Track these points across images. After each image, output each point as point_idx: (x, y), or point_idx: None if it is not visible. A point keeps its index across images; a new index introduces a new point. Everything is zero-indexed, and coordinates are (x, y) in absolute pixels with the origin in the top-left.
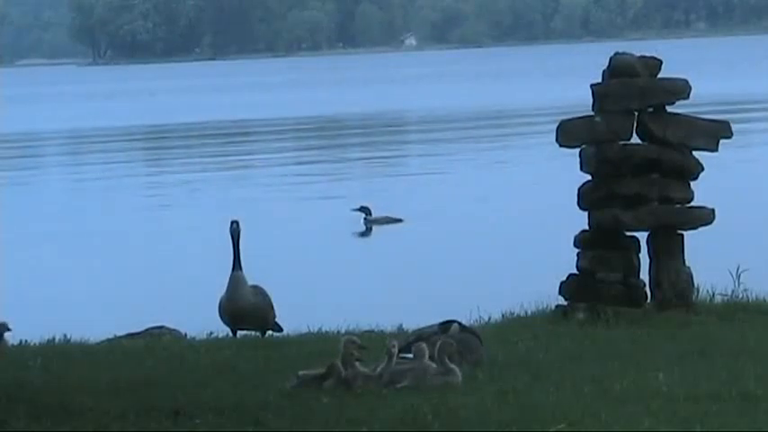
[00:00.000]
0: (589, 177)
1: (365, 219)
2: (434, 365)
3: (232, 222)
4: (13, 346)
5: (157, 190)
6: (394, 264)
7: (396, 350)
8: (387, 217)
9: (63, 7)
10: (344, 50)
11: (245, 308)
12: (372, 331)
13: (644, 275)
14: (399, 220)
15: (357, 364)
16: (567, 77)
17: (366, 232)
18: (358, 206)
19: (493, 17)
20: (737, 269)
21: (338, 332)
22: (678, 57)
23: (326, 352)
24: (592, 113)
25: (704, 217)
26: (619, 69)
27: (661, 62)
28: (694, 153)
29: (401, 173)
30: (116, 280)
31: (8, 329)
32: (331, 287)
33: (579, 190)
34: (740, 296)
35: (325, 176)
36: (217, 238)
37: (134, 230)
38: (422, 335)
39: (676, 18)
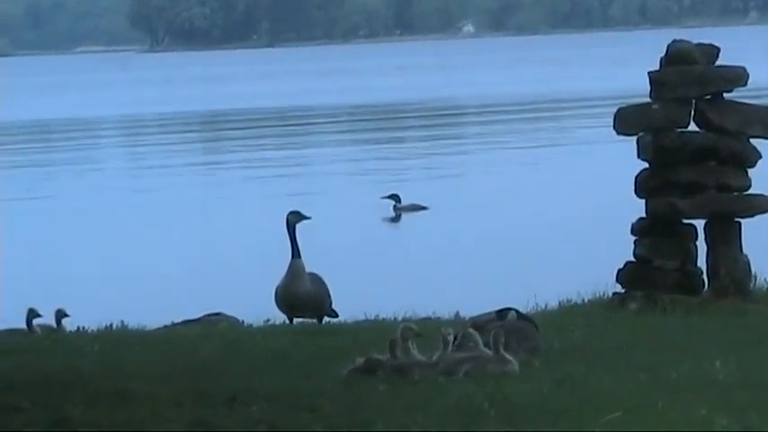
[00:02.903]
0: (646, 165)
1: (394, 206)
2: (491, 353)
3: (289, 213)
4: (70, 332)
5: (215, 177)
6: (448, 251)
7: (451, 338)
8: (413, 204)
9: None
10: (402, 37)
11: (303, 296)
12: (429, 318)
13: (701, 263)
14: (425, 208)
15: (414, 351)
16: (625, 65)
17: (396, 219)
18: (388, 194)
19: (550, 4)
20: None
21: (395, 319)
22: (736, 44)
23: (382, 339)
24: (649, 101)
25: (762, 205)
26: (676, 57)
27: (719, 49)
28: (752, 141)
29: (457, 159)
30: (174, 267)
31: (66, 315)
32: (384, 274)
33: (636, 178)
34: None
35: (377, 163)
36: (275, 226)
37: (192, 217)
38: (478, 322)
39: (734, 5)
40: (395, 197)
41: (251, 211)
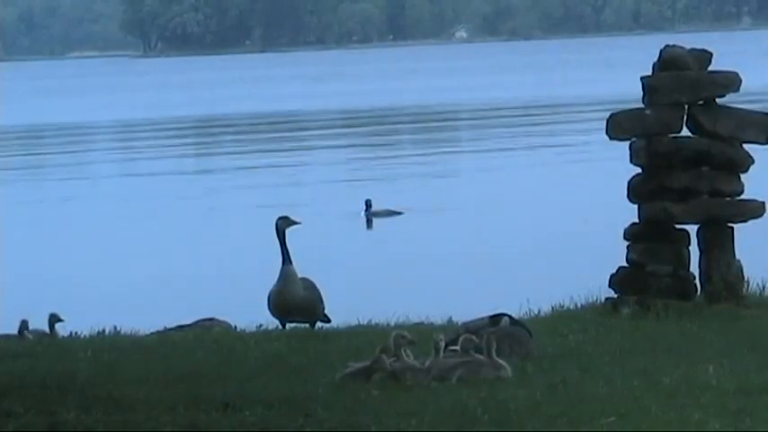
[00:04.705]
0: (639, 170)
1: (366, 211)
2: (485, 358)
3: (278, 218)
4: (63, 337)
5: (207, 181)
6: (441, 256)
7: (443, 344)
8: (387, 210)
9: None
10: (395, 43)
11: (295, 301)
12: (422, 324)
13: (694, 268)
14: (400, 213)
15: (406, 357)
16: (618, 70)
17: (368, 225)
18: (365, 199)
19: (543, 9)
20: None
21: (388, 324)
22: (729, 49)
23: (376, 344)
24: (642, 106)
25: (755, 210)
26: (669, 62)
27: (711, 55)
28: (745, 146)
29: (450, 164)
30: (166, 272)
31: (60, 320)
32: (375, 279)
33: (629, 183)
34: None
35: (368, 168)
36: (266, 231)
37: (185, 222)
38: (470, 328)
39: (727, 10)
40: (366, 203)
41: (243, 216)
